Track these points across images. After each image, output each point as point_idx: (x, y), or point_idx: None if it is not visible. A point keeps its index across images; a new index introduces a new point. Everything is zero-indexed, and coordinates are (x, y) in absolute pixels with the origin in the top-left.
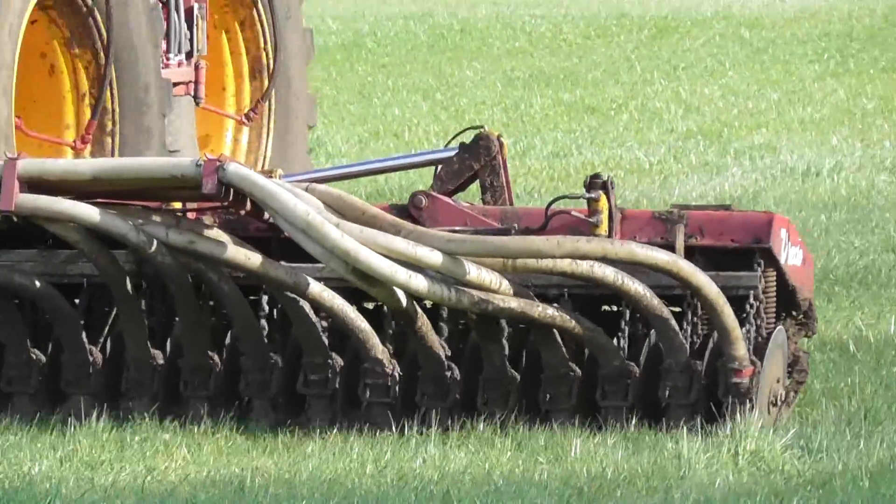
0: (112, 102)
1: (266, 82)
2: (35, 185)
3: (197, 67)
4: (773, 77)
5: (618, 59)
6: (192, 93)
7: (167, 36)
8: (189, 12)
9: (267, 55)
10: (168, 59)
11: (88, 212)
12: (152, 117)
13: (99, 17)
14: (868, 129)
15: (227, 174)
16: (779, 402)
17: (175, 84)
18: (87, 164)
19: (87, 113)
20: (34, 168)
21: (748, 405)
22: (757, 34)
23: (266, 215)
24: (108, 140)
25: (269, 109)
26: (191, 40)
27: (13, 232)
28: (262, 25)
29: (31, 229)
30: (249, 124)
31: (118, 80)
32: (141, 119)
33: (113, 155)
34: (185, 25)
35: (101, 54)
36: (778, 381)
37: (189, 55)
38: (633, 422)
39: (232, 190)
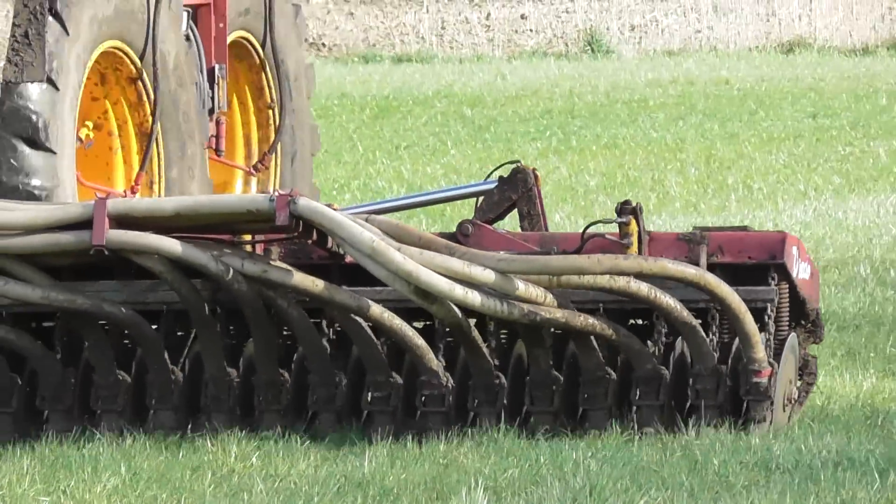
0: (158, 154)
1: (273, 135)
2: (122, 221)
3: (218, 122)
4: (496, 155)
5: (340, 139)
6: (214, 145)
7: None
8: (211, 72)
9: (273, 113)
10: None
11: (172, 245)
12: (192, 165)
13: (148, 82)
14: (590, 207)
15: (298, 207)
16: (792, 402)
17: None
18: (170, 202)
19: (136, 164)
20: (121, 206)
21: (767, 402)
22: (479, 112)
23: (329, 244)
24: (156, 186)
25: (276, 155)
26: (213, 98)
27: (101, 264)
28: (268, 85)
29: (117, 261)
30: (257, 175)
31: (164, 133)
32: (183, 167)
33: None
34: (207, 84)
35: (149, 114)
36: (791, 383)
37: (211, 111)
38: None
39: (301, 221)
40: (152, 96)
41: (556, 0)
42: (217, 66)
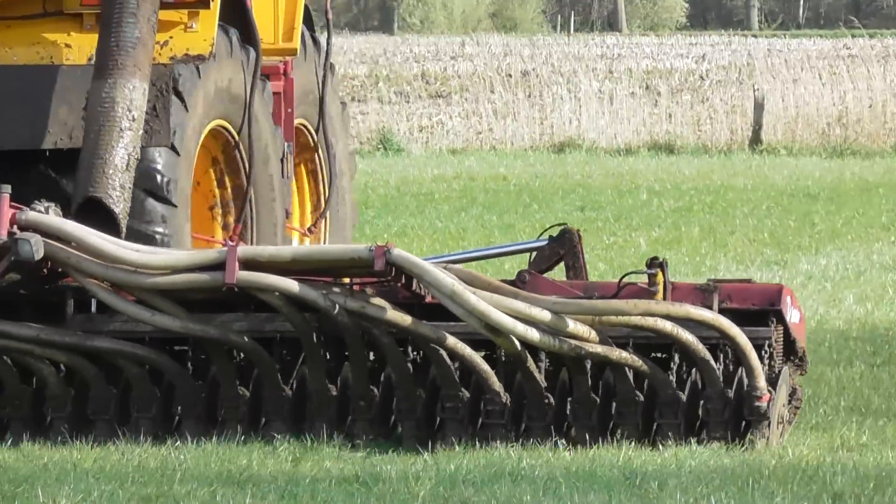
0: (252, 210)
1: (322, 205)
2: (248, 264)
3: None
4: None
5: None
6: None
7: None
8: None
9: (324, 185)
10: None
11: (290, 284)
12: (275, 222)
13: (243, 149)
14: None
15: (393, 256)
16: (783, 422)
17: None
18: (289, 250)
19: (233, 219)
20: (249, 252)
21: (766, 422)
22: None
23: (414, 286)
24: (249, 237)
25: (325, 220)
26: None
27: (228, 299)
28: (320, 163)
29: (239, 297)
30: (310, 236)
31: (255, 195)
32: (269, 223)
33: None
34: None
35: (245, 179)
36: (783, 406)
37: None
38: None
39: (394, 268)
40: (247, 166)
41: (353, 103)
42: (286, 144)
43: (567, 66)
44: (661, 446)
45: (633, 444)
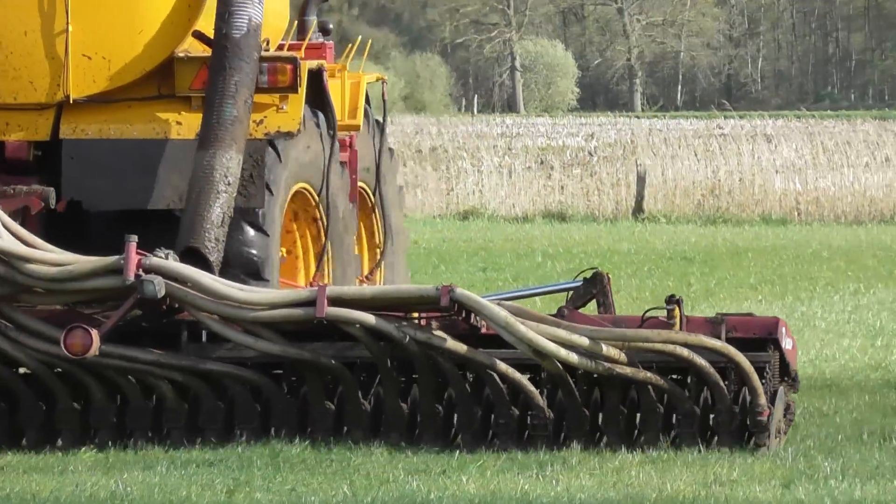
0: (327, 261)
1: (378, 255)
2: (334, 301)
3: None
4: None
5: None
6: None
7: None
8: None
9: (380, 238)
10: None
11: (369, 318)
12: (346, 269)
13: (322, 213)
14: None
15: (456, 294)
16: (780, 432)
17: None
18: (369, 289)
19: (313, 266)
20: (336, 291)
21: (766, 433)
22: None
23: (472, 320)
24: (326, 280)
25: (381, 269)
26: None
27: (314, 330)
28: (376, 219)
29: (326, 328)
30: (367, 282)
31: (332, 247)
32: (340, 270)
33: None
34: None
35: (323, 234)
36: (780, 420)
37: None
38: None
39: (457, 304)
40: (325, 223)
41: None
42: (351, 205)
43: (471, 143)
44: (553, 482)
45: (532, 475)
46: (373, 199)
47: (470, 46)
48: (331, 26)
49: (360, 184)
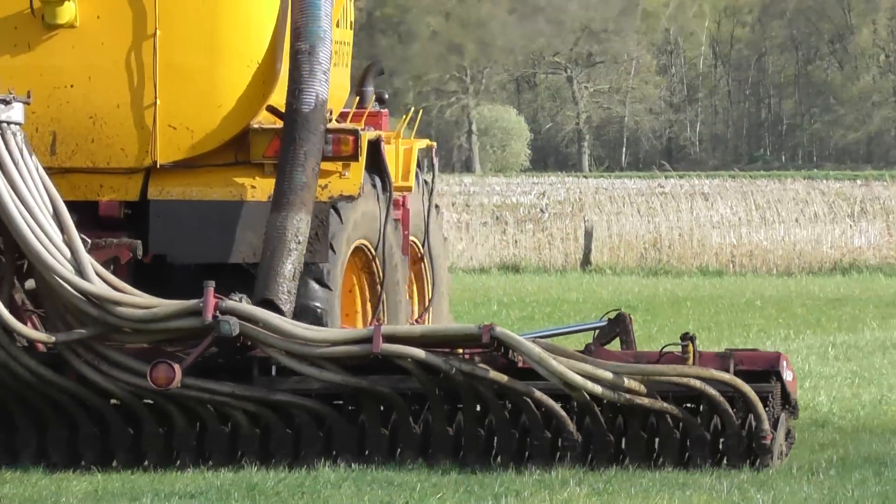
0: (382, 307)
1: (427, 300)
2: (389, 339)
3: None
4: None
5: None
6: None
7: None
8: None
9: (428, 285)
10: None
11: (420, 353)
12: (398, 314)
13: (378, 265)
14: None
15: (496, 332)
16: (781, 455)
17: None
18: (419, 328)
19: (370, 312)
20: (390, 330)
21: (769, 455)
22: None
23: (510, 355)
24: (381, 321)
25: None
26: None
27: (372, 364)
28: (425, 269)
29: (380, 362)
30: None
31: (386, 295)
32: (393, 314)
33: None
34: None
35: (379, 285)
36: (781, 444)
37: None
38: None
39: (497, 341)
40: (381, 274)
41: None
42: (403, 257)
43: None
44: None
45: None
46: (422, 251)
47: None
48: (386, 96)
49: (411, 237)
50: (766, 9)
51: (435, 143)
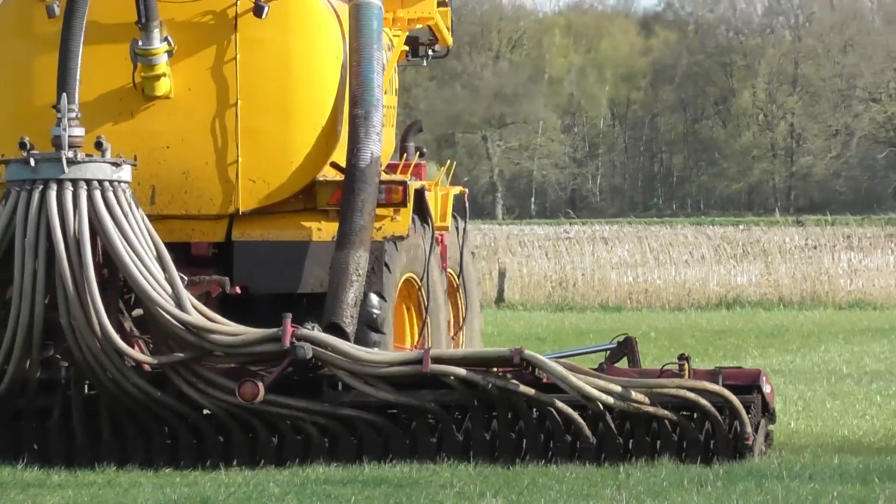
0: (426, 330)
1: (461, 322)
2: (435, 360)
3: None
4: None
5: None
6: None
7: None
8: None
9: (462, 310)
10: None
11: (462, 371)
12: (440, 336)
13: (423, 294)
14: None
15: (525, 355)
16: (761, 453)
17: None
18: (460, 351)
19: (416, 333)
20: (437, 353)
21: (751, 453)
22: None
23: (535, 372)
24: (428, 342)
25: (461, 333)
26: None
27: (421, 381)
28: (460, 296)
29: (429, 380)
30: (452, 342)
31: (430, 319)
32: (437, 337)
33: None
34: None
35: (424, 311)
36: (762, 444)
37: None
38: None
39: (525, 362)
40: (426, 302)
41: None
42: (443, 287)
43: None
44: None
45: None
46: (457, 282)
47: None
48: (425, 150)
49: (448, 270)
50: (657, 74)
51: (466, 190)
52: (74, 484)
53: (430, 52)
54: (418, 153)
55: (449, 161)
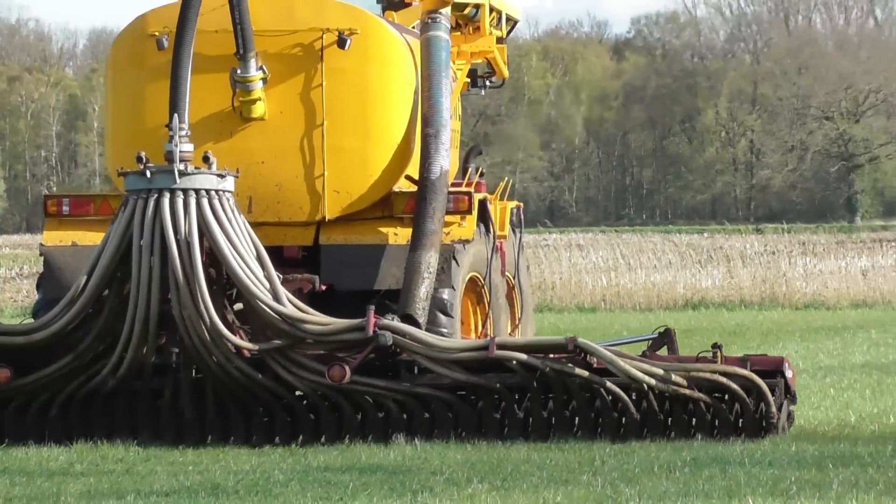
0: (489, 320)
1: (518, 318)
2: (500, 347)
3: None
4: None
5: None
6: None
7: None
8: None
9: (518, 307)
10: None
11: (523, 356)
12: (500, 327)
13: (486, 291)
14: None
15: (578, 342)
16: (785, 429)
17: None
18: (521, 339)
19: (480, 325)
20: (501, 340)
21: (776, 430)
22: None
23: (588, 358)
24: (490, 333)
25: (518, 328)
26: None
27: (487, 365)
28: (516, 295)
29: (494, 364)
30: (512, 335)
31: (493, 312)
32: (498, 327)
33: None
34: None
35: (487, 305)
36: (784, 423)
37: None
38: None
39: (578, 349)
40: (488, 298)
41: None
42: (503, 287)
43: None
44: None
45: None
46: (513, 282)
47: None
48: (484, 170)
49: (507, 274)
50: (628, 95)
51: (522, 204)
52: (96, 472)
53: (487, 83)
54: (479, 172)
55: (506, 178)
